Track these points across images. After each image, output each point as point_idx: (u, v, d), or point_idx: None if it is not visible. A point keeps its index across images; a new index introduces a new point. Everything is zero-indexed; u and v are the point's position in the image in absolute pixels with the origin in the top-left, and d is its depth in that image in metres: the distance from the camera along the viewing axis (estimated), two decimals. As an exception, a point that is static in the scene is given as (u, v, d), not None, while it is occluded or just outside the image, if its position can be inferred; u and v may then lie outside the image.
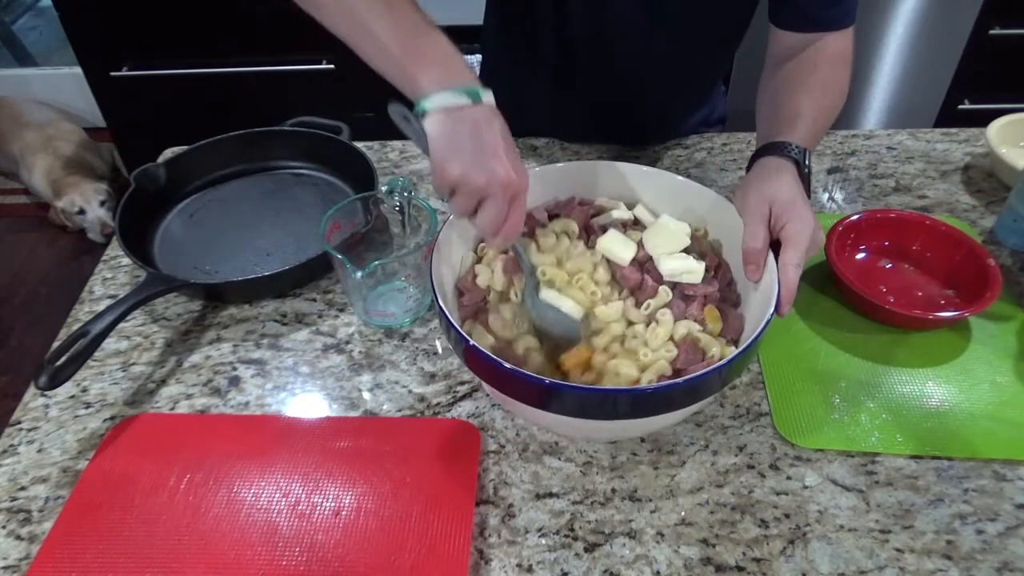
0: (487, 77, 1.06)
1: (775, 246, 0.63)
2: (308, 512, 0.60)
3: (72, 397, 0.71)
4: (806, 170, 0.68)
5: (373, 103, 1.90)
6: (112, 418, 0.69)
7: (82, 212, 2.10)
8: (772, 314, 0.57)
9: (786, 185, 0.65)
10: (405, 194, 0.78)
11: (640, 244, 0.67)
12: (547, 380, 0.54)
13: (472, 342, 0.56)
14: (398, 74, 0.59)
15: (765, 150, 0.70)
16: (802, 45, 0.79)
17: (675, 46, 0.88)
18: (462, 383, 0.71)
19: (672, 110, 1.00)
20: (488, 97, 0.58)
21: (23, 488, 0.64)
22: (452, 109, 0.56)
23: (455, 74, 0.58)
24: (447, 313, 0.58)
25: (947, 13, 1.66)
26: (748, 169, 0.72)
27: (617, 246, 0.66)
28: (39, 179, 2.18)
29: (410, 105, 0.59)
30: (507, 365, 0.54)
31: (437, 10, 0.63)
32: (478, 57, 1.13)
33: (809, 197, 0.67)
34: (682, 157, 0.98)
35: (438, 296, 0.59)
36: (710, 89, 1.03)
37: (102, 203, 2.11)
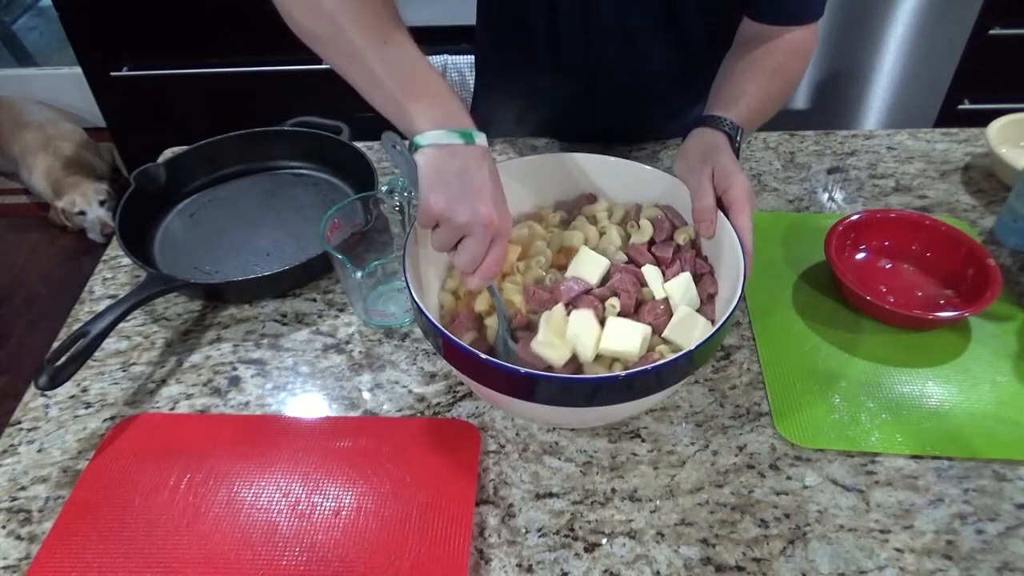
0: (482, 78, 1.06)
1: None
2: (308, 512, 0.60)
3: (72, 397, 0.71)
4: (736, 144, 0.72)
5: (373, 103, 1.89)
6: (112, 418, 0.69)
7: (82, 213, 2.10)
8: (739, 298, 0.58)
9: (723, 153, 0.69)
10: (405, 194, 0.78)
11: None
12: (522, 370, 0.54)
13: (448, 334, 0.56)
14: (394, 110, 0.60)
15: (700, 122, 0.75)
16: (770, 34, 0.81)
17: (667, 45, 0.88)
18: (462, 383, 0.71)
19: (667, 108, 1.00)
20: (481, 139, 0.59)
21: (23, 488, 0.64)
22: (445, 147, 0.57)
23: (450, 114, 0.59)
24: (419, 303, 0.58)
25: (947, 13, 1.66)
26: (683, 138, 0.76)
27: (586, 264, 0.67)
28: (39, 179, 2.18)
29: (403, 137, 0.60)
30: (483, 356, 0.54)
31: (432, 11, 0.63)
32: (471, 58, 1.13)
33: None
34: (682, 157, 0.98)
35: (411, 287, 0.59)
36: (705, 87, 1.03)
37: (102, 203, 2.11)
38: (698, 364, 0.60)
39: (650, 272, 0.66)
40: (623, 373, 0.54)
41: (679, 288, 0.65)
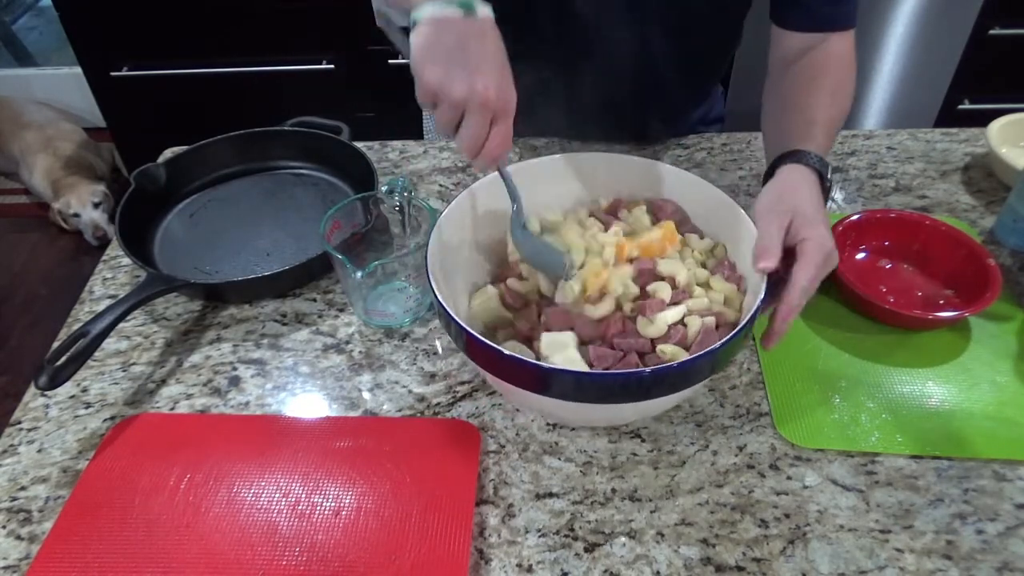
0: None
1: (788, 258, 0.61)
2: (308, 512, 0.60)
3: (72, 397, 0.71)
4: (828, 183, 0.67)
5: (373, 103, 1.90)
6: (112, 418, 0.69)
7: (76, 215, 2.10)
8: (760, 302, 0.58)
9: (809, 199, 0.64)
10: (405, 194, 0.78)
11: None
12: (544, 365, 0.55)
13: (469, 329, 0.56)
14: None
15: (785, 158, 0.68)
16: (805, 49, 0.79)
17: (671, 45, 0.88)
18: (462, 383, 0.71)
19: (670, 108, 1.00)
20: (484, 10, 0.56)
21: (23, 488, 0.64)
22: (442, 20, 0.54)
23: None
24: (441, 299, 0.58)
25: (947, 13, 1.66)
26: (768, 175, 0.70)
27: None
28: (40, 179, 2.18)
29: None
30: (506, 352, 0.55)
31: None
32: None
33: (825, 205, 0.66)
34: (682, 157, 0.98)
35: (433, 282, 0.59)
36: (708, 89, 1.03)
37: (96, 205, 2.11)
38: (723, 363, 0.60)
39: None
40: (648, 370, 0.54)
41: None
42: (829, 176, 0.67)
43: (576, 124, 0.99)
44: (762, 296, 0.58)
